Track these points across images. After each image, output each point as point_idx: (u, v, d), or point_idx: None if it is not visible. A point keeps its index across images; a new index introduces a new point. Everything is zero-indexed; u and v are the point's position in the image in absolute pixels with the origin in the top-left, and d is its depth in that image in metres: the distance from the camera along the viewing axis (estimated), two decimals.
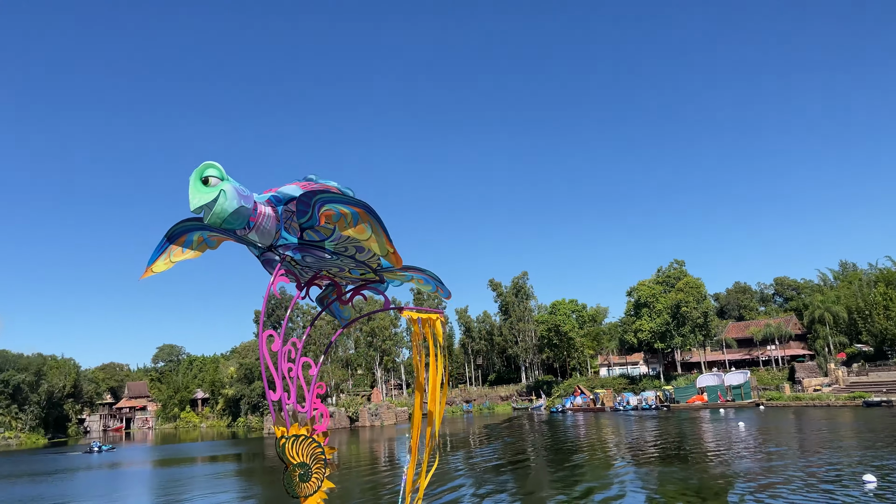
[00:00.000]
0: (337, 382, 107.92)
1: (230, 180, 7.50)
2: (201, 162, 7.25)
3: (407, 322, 10.93)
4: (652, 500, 24.12)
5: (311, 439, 8.64)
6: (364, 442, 66.44)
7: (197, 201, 7.22)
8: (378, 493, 30.84)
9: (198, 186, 7.25)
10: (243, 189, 7.63)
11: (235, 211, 7.49)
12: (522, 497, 26.50)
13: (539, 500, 25.46)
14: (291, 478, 8.32)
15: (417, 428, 10.64)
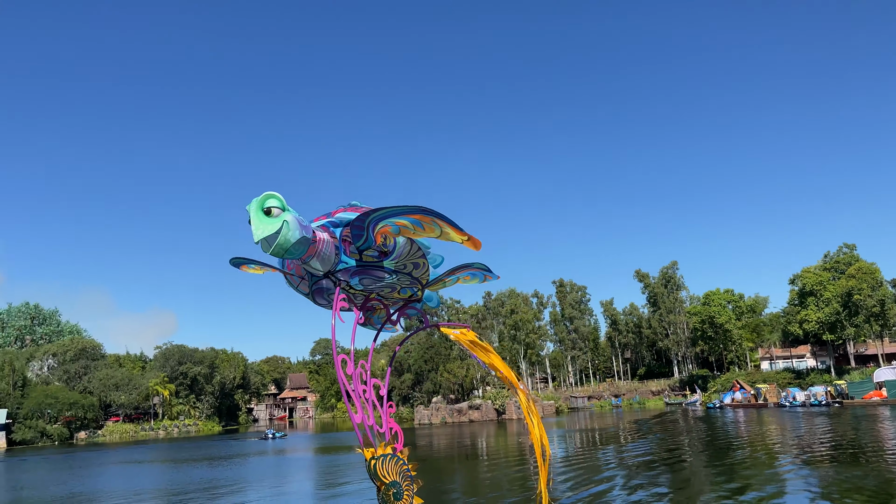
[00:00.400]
0: (483, 375, 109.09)
1: (290, 210, 7.55)
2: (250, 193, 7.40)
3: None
4: (818, 502, 22.22)
5: (396, 457, 8.95)
6: (511, 434, 66.62)
7: (260, 233, 7.29)
8: (526, 485, 30.75)
9: (260, 217, 7.31)
10: (302, 219, 7.75)
11: (297, 241, 7.58)
12: (676, 492, 25.37)
13: (693, 497, 24.25)
14: (387, 498, 8.46)
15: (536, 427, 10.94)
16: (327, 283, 8.96)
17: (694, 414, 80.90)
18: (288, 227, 7.38)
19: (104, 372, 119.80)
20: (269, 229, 7.29)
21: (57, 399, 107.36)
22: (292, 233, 7.44)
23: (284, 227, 7.36)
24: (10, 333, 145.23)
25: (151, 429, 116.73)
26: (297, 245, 7.58)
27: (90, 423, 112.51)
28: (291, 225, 7.42)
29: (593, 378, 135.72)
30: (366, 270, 8.69)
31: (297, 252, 7.71)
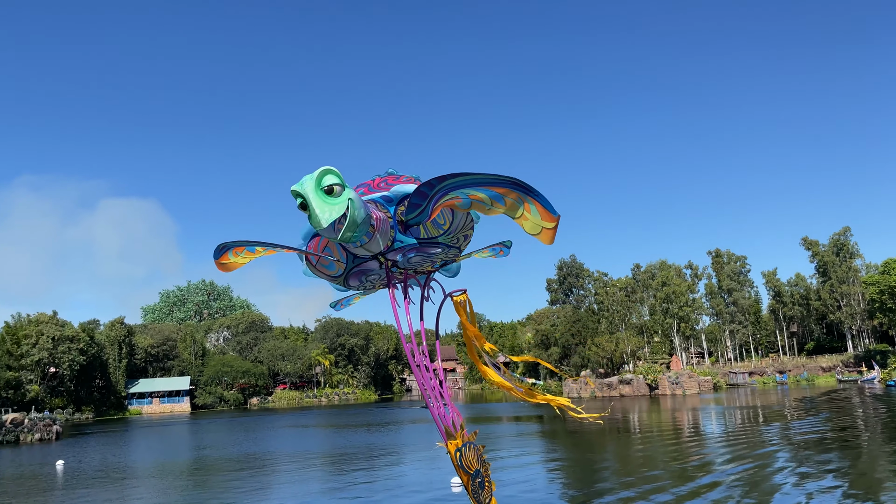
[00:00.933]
0: (633, 349, 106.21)
1: (348, 186, 6.46)
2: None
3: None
4: None
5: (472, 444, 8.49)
6: (665, 410, 64.49)
7: (327, 216, 6.15)
8: (684, 461, 29.67)
9: (323, 198, 6.17)
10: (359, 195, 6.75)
11: (363, 221, 6.54)
12: (851, 477, 23.36)
13: (873, 483, 22.21)
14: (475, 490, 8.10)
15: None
16: (372, 264, 7.99)
17: (871, 392, 74.06)
18: (354, 206, 6.29)
19: (272, 343, 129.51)
20: (336, 211, 6.18)
21: (232, 367, 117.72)
22: (358, 212, 6.38)
23: (351, 206, 6.27)
24: (189, 308, 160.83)
25: (315, 396, 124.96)
26: (363, 226, 6.53)
27: (261, 390, 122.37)
28: (357, 203, 6.36)
29: (755, 353, 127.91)
30: (421, 248, 7.77)
31: (361, 234, 6.62)
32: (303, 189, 6.16)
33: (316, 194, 6.14)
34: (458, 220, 7.81)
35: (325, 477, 31.14)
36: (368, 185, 7.87)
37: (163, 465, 38.84)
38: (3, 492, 30.42)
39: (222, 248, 7.80)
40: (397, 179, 7.86)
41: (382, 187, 7.67)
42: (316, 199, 6.13)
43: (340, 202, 6.21)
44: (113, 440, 58.10)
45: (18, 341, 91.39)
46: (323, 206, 6.15)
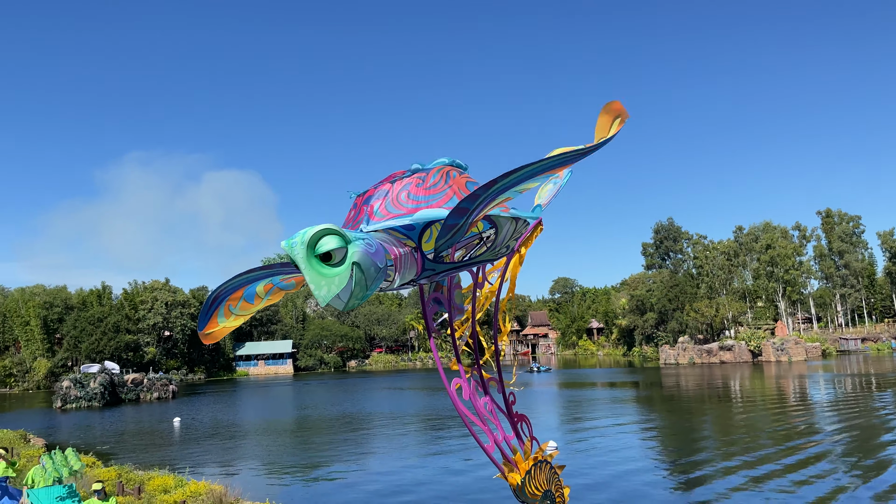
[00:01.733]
0: (734, 315, 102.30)
1: (352, 240, 5.08)
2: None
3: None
4: None
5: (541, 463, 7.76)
6: (769, 378, 61.96)
7: (325, 292, 4.83)
8: (786, 431, 28.50)
9: (318, 269, 4.84)
10: (369, 242, 5.28)
11: (374, 279, 5.26)
12: None
13: None
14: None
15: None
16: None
17: None
18: (360, 270, 5.00)
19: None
20: (337, 284, 4.88)
21: (331, 332, 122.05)
22: (367, 273, 5.08)
23: (356, 271, 4.97)
24: None
25: (409, 360, 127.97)
26: (376, 282, 5.31)
27: (358, 353, 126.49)
28: (364, 264, 5.03)
29: (868, 318, 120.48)
30: (462, 267, 6.95)
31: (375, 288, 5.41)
32: (291, 253, 4.82)
33: (310, 264, 4.81)
34: (505, 231, 6.72)
35: (419, 439, 31.93)
36: (386, 193, 6.63)
37: (269, 422, 40.96)
38: (128, 446, 32.97)
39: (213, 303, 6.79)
40: (423, 183, 6.59)
41: (403, 201, 6.47)
42: (310, 272, 4.80)
43: (342, 271, 4.91)
44: (223, 399, 61.72)
45: (136, 306, 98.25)
46: (319, 279, 4.82)
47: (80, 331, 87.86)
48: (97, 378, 58.59)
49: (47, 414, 51.51)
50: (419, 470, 23.68)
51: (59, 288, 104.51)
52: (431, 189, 6.50)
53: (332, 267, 4.88)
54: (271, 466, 25.84)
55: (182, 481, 17.01)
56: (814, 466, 20.90)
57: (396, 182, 6.68)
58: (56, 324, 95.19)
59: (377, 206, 6.47)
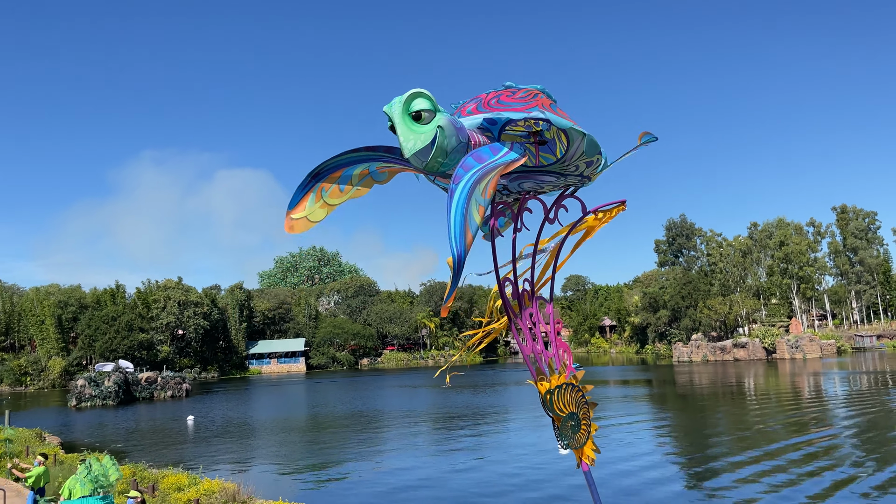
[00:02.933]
0: (748, 312, 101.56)
1: (441, 110, 6.02)
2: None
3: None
4: None
5: (571, 386, 7.93)
6: (784, 375, 61.48)
7: (412, 145, 5.76)
8: (804, 428, 28.26)
9: (409, 125, 5.77)
10: (455, 119, 6.18)
11: (454, 150, 6.06)
12: None
13: None
14: (564, 431, 7.67)
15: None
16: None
17: None
18: (443, 133, 5.87)
19: (379, 307, 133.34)
20: (423, 140, 5.78)
21: (343, 330, 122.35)
22: (448, 141, 5.96)
23: (439, 134, 5.86)
24: (302, 273, 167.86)
25: (421, 357, 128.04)
26: (453, 155, 6.08)
27: (371, 352, 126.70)
28: (447, 131, 5.91)
29: (884, 315, 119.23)
30: (529, 175, 7.27)
31: (453, 162, 6.15)
32: (390, 112, 5.80)
33: (403, 120, 5.75)
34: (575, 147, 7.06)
35: (433, 437, 31.92)
36: (479, 101, 7.21)
37: (282, 420, 41.10)
38: (143, 443, 33.19)
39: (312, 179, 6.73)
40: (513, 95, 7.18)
41: (493, 105, 7.08)
42: (402, 126, 5.76)
43: (428, 130, 5.80)
44: (236, 397, 62.03)
45: (149, 305, 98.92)
46: (408, 133, 5.76)
47: (94, 329, 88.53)
48: (111, 377, 59.03)
49: (62, 412, 51.96)
50: (431, 468, 23.68)
51: (73, 287, 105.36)
52: (519, 99, 7.01)
53: (421, 125, 5.75)
54: (284, 465, 25.92)
55: (195, 479, 17.08)
56: (826, 462, 20.70)
57: (490, 92, 7.27)
58: (71, 323, 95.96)
59: (469, 107, 7.07)
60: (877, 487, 17.88)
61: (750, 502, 17.19)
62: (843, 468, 20.18)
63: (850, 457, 21.97)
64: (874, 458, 21.49)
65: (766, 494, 17.77)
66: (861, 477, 19.06)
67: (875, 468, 20.10)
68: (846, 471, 19.84)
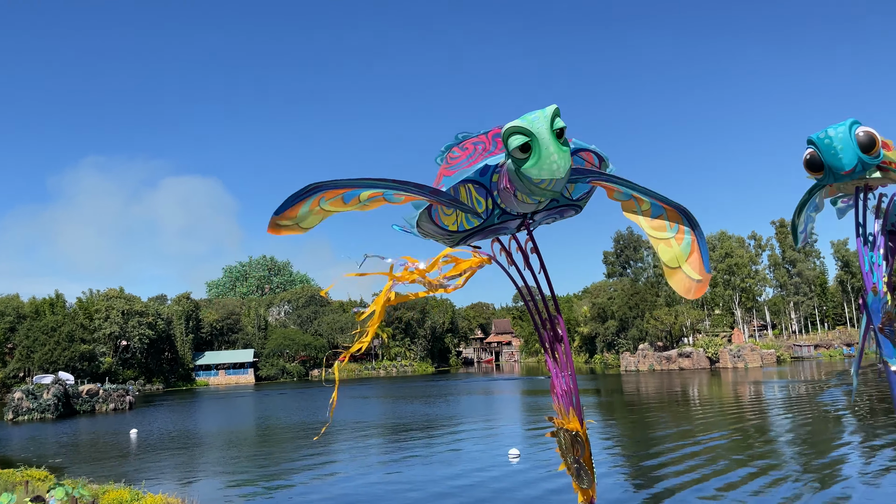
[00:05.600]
0: (693, 322, 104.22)
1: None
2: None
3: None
4: None
5: (571, 434, 6.95)
6: (726, 383, 63.27)
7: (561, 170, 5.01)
8: (744, 433, 29.19)
9: (557, 146, 4.95)
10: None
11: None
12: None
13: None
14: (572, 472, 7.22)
15: None
16: (511, 224, 6.75)
17: None
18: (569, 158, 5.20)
19: (331, 317, 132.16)
20: (568, 160, 5.05)
21: (293, 340, 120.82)
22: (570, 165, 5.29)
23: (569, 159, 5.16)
24: (252, 283, 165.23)
25: (373, 368, 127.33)
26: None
27: (322, 362, 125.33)
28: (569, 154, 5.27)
29: (821, 325, 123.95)
30: (563, 210, 6.86)
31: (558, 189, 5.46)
32: (535, 128, 4.91)
33: (551, 137, 4.92)
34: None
35: (383, 447, 31.82)
36: (483, 143, 6.43)
37: (229, 433, 40.35)
38: (82, 458, 32.16)
39: (309, 192, 5.69)
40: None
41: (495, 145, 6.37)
42: (553, 143, 4.91)
43: (568, 151, 5.07)
44: (182, 410, 60.60)
45: (91, 316, 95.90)
46: (559, 151, 4.93)
47: (32, 340, 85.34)
48: (50, 389, 56.97)
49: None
50: (381, 478, 23.61)
51: (10, 297, 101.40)
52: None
53: (564, 145, 4.99)
54: (230, 478, 25.47)
55: (138, 495, 16.67)
56: (766, 464, 21.43)
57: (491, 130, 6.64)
58: (7, 333, 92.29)
59: (476, 144, 6.49)
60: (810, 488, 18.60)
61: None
62: (782, 471, 20.91)
63: (788, 461, 22.77)
64: (810, 462, 22.32)
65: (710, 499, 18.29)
66: (791, 476, 19.80)
67: (805, 472, 20.89)
68: (783, 472, 20.58)
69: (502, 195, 6.04)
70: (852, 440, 26.61)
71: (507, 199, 5.99)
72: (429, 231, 6.88)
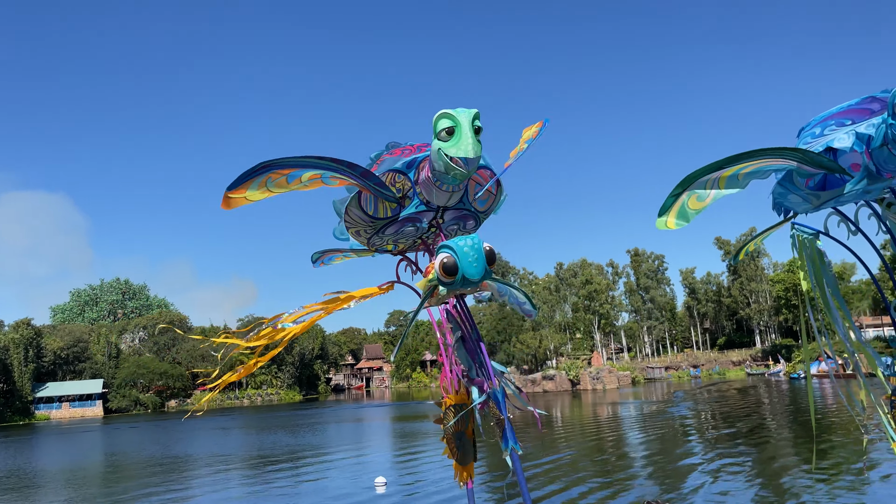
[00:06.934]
0: (556, 346, 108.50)
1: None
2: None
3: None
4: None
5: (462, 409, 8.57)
6: (586, 405, 66.13)
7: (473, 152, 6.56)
8: (603, 448, 30.46)
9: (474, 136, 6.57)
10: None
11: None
12: (760, 466, 24.53)
13: (777, 472, 23.39)
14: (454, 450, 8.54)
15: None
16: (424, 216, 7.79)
17: (778, 385, 78.23)
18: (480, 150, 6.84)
19: (190, 343, 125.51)
20: (479, 150, 6.66)
21: (148, 369, 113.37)
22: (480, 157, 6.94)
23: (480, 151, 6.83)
24: (103, 308, 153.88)
25: (236, 397, 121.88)
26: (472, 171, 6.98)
27: (179, 392, 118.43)
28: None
29: (671, 348, 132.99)
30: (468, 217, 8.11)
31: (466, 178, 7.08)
32: (460, 118, 6.48)
33: (470, 132, 6.49)
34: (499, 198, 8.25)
35: (245, 480, 30.35)
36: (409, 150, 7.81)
37: (71, 470, 36.96)
38: None
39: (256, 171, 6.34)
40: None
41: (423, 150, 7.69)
42: (471, 133, 6.49)
43: (480, 145, 6.66)
44: (17, 447, 54.92)
45: None
46: (475, 141, 6.54)
47: None
48: None
49: None
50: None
51: None
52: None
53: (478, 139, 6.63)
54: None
55: None
56: (621, 476, 22.45)
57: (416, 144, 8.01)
58: None
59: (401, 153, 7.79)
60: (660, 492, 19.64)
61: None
62: (633, 480, 21.95)
63: (639, 471, 23.97)
64: (658, 471, 23.62)
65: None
66: (642, 484, 20.84)
67: (651, 479, 22.09)
68: (634, 481, 21.61)
69: (423, 186, 7.30)
70: (696, 451, 28.48)
71: (427, 188, 7.23)
72: (354, 217, 7.77)
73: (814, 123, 7.56)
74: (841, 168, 6.55)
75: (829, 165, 6.45)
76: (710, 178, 6.59)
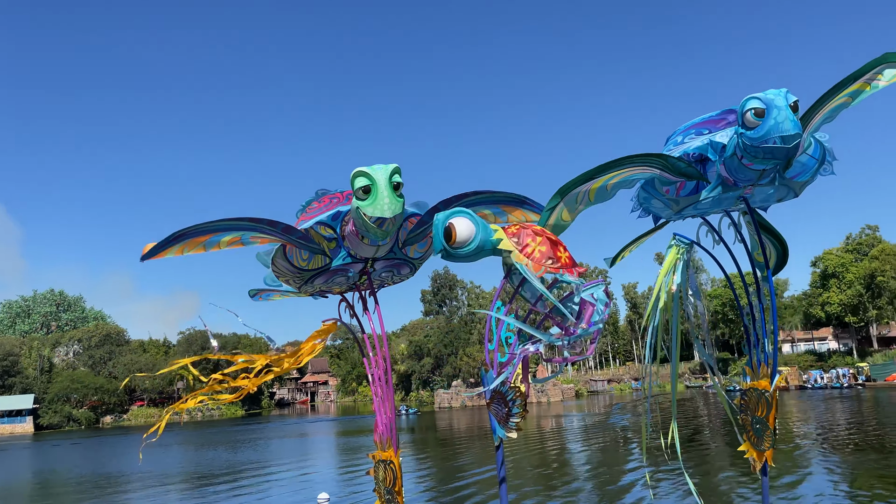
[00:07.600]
0: None
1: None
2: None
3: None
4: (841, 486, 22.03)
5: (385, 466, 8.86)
6: (531, 418, 66.79)
7: (392, 210, 6.43)
8: (546, 458, 30.84)
9: (391, 194, 6.40)
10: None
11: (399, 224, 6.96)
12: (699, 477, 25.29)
13: (717, 483, 24.15)
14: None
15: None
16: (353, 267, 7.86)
17: (714, 397, 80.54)
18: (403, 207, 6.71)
19: (128, 357, 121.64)
20: (398, 208, 6.51)
21: (83, 384, 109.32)
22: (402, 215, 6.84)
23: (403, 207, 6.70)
24: (35, 320, 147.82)
25: (176, 413, 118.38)
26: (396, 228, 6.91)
27: (115, 408, 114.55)
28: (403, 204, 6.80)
29: (613, 362, 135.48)
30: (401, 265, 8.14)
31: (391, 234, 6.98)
32: (376, 176, 6.31)
33: (387, 189, 6.34)
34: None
35: (182, 499, 29.62)
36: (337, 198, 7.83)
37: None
38: None
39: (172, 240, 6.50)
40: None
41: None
42: (388, 190, 6.34)
43: (401, 201, 6.53)
44: None
45: None
46: (392, 197, 6.38)
47: None
48: None
49: None
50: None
51: None
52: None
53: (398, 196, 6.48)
54: None
55: None
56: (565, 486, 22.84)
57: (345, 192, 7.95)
58: None
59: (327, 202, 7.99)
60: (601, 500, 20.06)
61: None
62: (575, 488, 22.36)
63: (582, 481, 24.41)
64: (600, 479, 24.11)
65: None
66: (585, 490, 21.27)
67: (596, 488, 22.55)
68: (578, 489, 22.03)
69: (349, 238, 7.22)
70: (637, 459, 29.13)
71: (353, 242, 7.15)
72: (281, 268, 7.75)
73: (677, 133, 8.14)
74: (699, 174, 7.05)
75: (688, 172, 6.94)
76: (581, 190, 6.97)
